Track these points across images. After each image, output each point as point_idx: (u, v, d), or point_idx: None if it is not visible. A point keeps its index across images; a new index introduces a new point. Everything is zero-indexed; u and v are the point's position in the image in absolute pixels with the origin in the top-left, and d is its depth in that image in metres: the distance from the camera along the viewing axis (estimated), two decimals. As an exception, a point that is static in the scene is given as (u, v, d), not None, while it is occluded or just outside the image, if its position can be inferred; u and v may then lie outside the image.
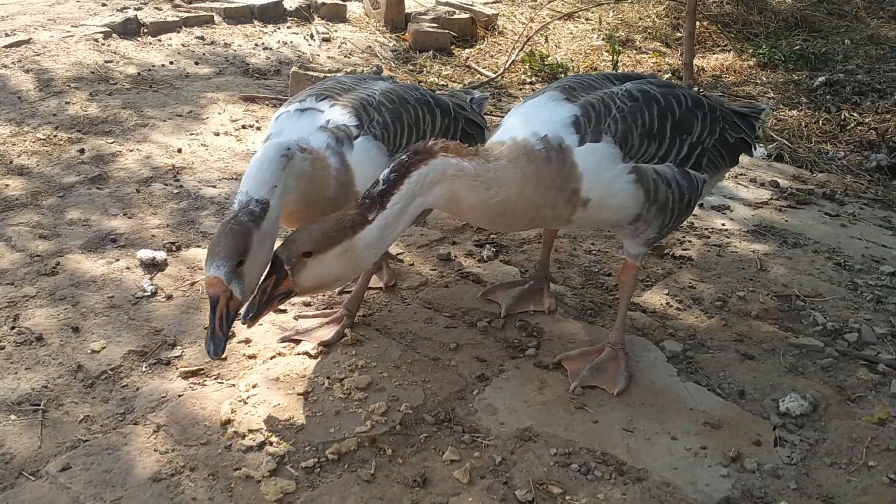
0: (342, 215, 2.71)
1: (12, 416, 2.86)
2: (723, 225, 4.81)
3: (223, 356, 2.91)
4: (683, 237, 4.56)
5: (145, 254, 3.88)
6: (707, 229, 4.71)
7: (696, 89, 7.60)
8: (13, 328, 3.35)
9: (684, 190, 3.05)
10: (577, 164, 2.83)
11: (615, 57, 8.23)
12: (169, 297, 3.63)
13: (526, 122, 2.93)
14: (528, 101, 3.11)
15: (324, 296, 3.72)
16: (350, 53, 8.10)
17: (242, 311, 2.71)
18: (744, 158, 6.11)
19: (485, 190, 2.74)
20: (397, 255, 4.14)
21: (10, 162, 4.98)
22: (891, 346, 3.59)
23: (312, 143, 2.99)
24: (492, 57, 8.51)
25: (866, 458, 2.89)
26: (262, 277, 2.73)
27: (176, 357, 3.23)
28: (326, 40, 8.36)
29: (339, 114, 3.11)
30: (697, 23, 8.58)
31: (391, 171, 2.69)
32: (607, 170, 2.87)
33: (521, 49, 8.28)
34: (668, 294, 3.93)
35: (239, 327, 3.42)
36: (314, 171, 2.96)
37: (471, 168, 2.72)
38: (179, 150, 5.35)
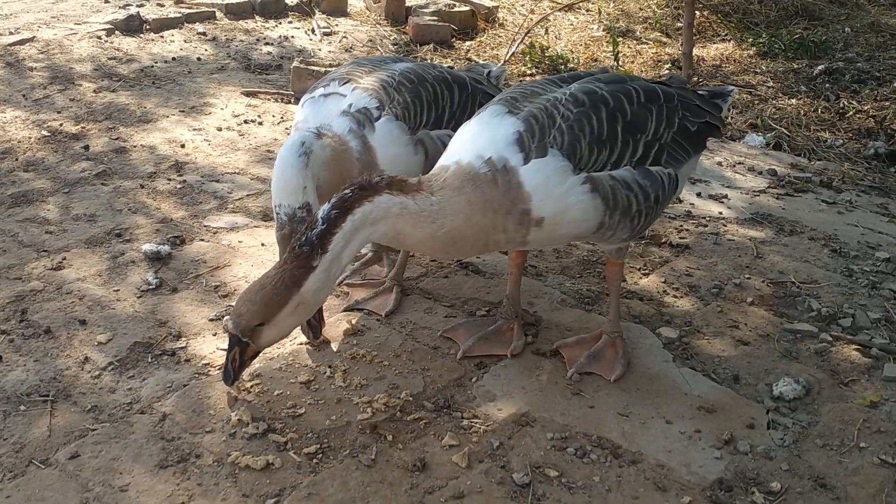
0: (279, 271, 2.60)
1: (22, 407, 2.93)
2: (720, 213, 4.85)
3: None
4: (681, 225, 4.61)
5: (150, 248, 3.95)
6: (704, 217, 4.76)
7: (695, 79, 7.64)
8: (22, 321, 3.42)
9: (648, 189, 2.93)
10: (524, 184, 2.72)
11: (615, 48, 8.25)
12: (174, 290, 3.70)
13: (472, 141, 2.82)
14: (474, 117, 2.98)
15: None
16: (351, 47, 8.15)
17: (222, 374, 2.78)
18: (741, 147, 6.19)
19: (430, 223, 2.66)
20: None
21: (17, 159, 5.05)
22: (884, 331, 3.64)
23: (335, 128, 3.21)
24: (492, 49, 8.55)
25: (858, 440, 2.94)
26: (227, 349, 2.73)
27: (181, 348, 3.29)
28: (327, 34, 8.41)
29: (360, 97, 3.29)
30: (697, 12, 8.60)
31: (332, 208, 2.57)
32: (557, 185, 2.75)
33: (522, 41, 8.31)
34: (664, 282, 3.98)
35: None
36: (336, 156, 3.16)
37: (414, 205, 2.63)
38: (183, 146, 5.42)
